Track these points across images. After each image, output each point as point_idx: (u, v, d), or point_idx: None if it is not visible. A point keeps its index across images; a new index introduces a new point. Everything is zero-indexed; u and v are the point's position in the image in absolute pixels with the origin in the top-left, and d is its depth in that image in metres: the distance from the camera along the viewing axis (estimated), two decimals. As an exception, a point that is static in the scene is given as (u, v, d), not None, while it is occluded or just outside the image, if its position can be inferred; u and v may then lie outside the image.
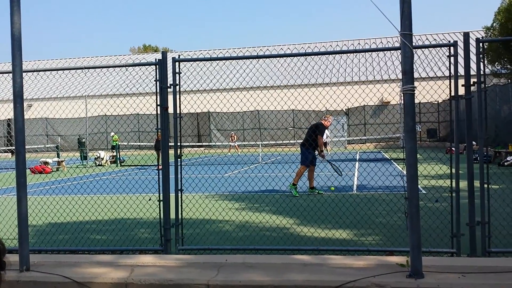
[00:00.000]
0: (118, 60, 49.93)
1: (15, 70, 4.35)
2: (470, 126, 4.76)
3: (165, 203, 5.17)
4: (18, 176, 4.34)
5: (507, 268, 3.95)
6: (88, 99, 31.65)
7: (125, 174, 17.27)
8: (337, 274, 3.98)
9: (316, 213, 7.48)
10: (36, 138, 35.36)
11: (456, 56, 4.75)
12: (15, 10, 4.28)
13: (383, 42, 43.52)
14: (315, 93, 27.99)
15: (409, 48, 3.83)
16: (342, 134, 33.48)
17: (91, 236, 6.53)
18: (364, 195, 9.38)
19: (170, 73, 5.32)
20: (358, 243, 5.69)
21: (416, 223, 3.82)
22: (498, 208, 6.85)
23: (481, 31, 23.86)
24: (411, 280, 3.74)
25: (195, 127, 37.39)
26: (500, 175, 11.25)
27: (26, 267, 4.30)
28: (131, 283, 4.03)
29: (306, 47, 44.19)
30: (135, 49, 77.88)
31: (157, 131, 5.36)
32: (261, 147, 26.54)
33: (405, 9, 3.81)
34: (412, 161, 3.85)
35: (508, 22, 19.42)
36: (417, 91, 4.00)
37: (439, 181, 11.46)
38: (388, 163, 18.57)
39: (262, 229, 6.65)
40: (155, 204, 5.43)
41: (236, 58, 5.52)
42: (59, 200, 9.16)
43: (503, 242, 5.25)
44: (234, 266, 4.29)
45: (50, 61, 52.69)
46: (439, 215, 6.36)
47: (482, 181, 4.71)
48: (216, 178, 13.83)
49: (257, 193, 9.90)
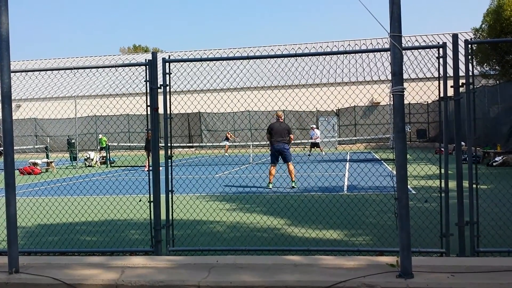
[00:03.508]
0: (108, 61, 49.64)
1: (3, 70, 4.31)
2: (459, 126, 4.81)
3: (155, 204, 5.15)
4: (6, 177, 4.30)
5: (496, 267, 3.99)
6: (78, 100, 31.47)
7: (115, 175, 17.18)
8: (328, 274, 4.00)
9: (307, 214, 7.49)
10: (25, 138, 35.06)
11: (445, 58, 4.79)
12: (2, 10, 4.24)
13: (373, 44, 43.75)
14: (305, 93, 28.11)
15: (398, 50, 3.85)
16: (332, 135, 33.55)
17: (81, 238, 6.48)
18: (354, 196, 9.42)
19: (160, 73, 5.31)
20: (348, 244, 5.72)
21: (405, 223, 3.84)
22: (487, 208, 6.92)
23: (470, 32, 24.05)
24: (401, 280, 3.76)
25: (185, 127, 37.29)
26: (489, 175, 11.37)
27: (15, 269, 4.26)
28: (121, 284, 4.01)
29: (297, 48, 44.32)
30: (125, 49, 77.50)
31: (147, 131, 5.35)
32: (252, 147, 26.54)
33: (394, 11, 3.83)
34: (402, 161, 3.87)
35: (496, 24, 19.59)
36: (406, 92, 4.03)
37: (429, 182, 11.55)
38: (378, 163, 18.67)
39: (253, 229, 6.65)
40: (146, 205, 5.41)
41: (226, 58, 5.53)
42: (48, 201, 9.09)
43: (492, 242, 5.30)
44: (225, 267, 4.29)
45: (39, 61, 52.24)
46: (428, 215, 6.41)
47: (471, 181, 4.75)
48: (207, 179, 13.81)
49: (248, 194, 9.90)
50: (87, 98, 40.96)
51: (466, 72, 4.79)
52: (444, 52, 4.81)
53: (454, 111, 4.79)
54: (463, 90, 4.82)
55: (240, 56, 5.38)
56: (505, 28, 19.31)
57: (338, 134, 34.40)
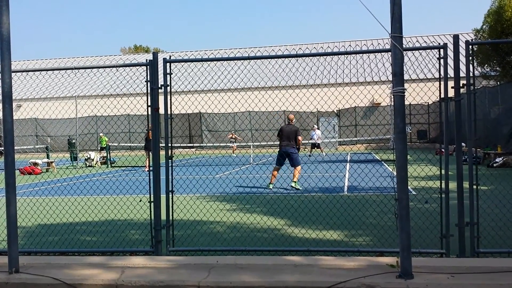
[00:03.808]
0: (109, 61, 49.66)
1: (4, 70, 4.31)
2: (460, 127, 4.81)
3: (156, 204, 5.15)
4: (7, 177, 4.31)
5: (496, 268, 3.99)
6: (78, 100, 31.47)
7: (116, 175, 17.18)
8: (328, 275, 4.00)
9: (307, 214, 7.50)
10: (25, 138, 35.05)
11: (446, 58, 4.79)
12: (3, 10, 4.25)
13: (374, 44, 43.74)
14: (306, 94, 28.10)
15: (399, 50, 3.85)
16: (333, 135, 33.54)
17: (81, 238, 6.49)
18: (354, 196, 9.42)
19: (161, 73, 5.31)
20: (349, 244, 5.72)
21: (406, 224, 3.84)
22: (487, 209, 6.91)
23: (471, 33, 24.04)
24: (401, 280, 3.76)
25: (186, 128, 37.29)
26: (489, 176, 11.37)
27: (15, 269, 4.27)
28: (121, 284, 4.01)
29: (298, 48, 44.30)
30: (125, 49, 77.49)
31: (147, 130, 5.35)
32: (253, 148, 26.54)
33: (395, 12, 3.83)
34: (402, 162, 3.87)
35: (497, 25, 19.59)
36: (407, 92, 4.03)
37: (429, 182, 11.54)
38: (378, 164, 18.66)
39: (253, 230, 6.65)
40: (146, 205, 5.41)
41: (227, 59, 5.53)
42: (48, 201, 9.09)
43: (492, 243, 5.30)
44: (225, 267, 4.29)
45: (39, 61, 52.27)
46: (428, 216, 6.41)
47: (471, 182, 4.75)
48: (207, 179, 13.81)
49: (248, 194, 9.90)
50: (87, 98, 40.98)
51: (467, 73, 4.79)
52: (445, 53, 4.81)
53: (455, 112, 4.79)
54: (463, 91, 4.82)
55: (241, 57, 5.38)
56: (506, 29, 19.31)
57: (339, 134, 34.39)
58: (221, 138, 36.07)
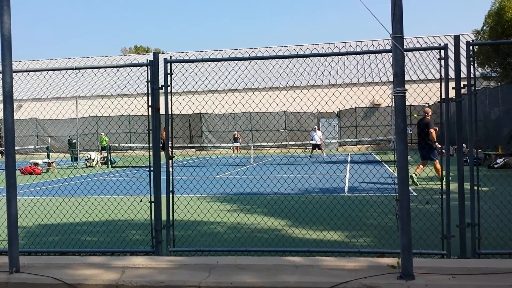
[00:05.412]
0: (110, 61, 49.69)
1: (5, 70, 4.32)
2: (460, 128, 4.80)
3: (156, 204, 5.15)
4: (7, 177, 4.31)
5: (497, 269, 3.99)
6: (79, 100, 31.50)
7: (116, 176, 17.18)
8: (328, 275, 4.00)
9: (308, 215, 7.49)
10: (26, 139, 35.08)
11: (446, 59, 4.79)
12: (4, 10, 4.25)
13: (375, 45, 43.76)
14: (307, 95, 28.09)
15: (400, 51, 3.85)
16: (333, 136, 33.53)
17: (81, 238, 6.49)
18: (355, 197, 9.42)
19: (161, 74, 5.31)
20: (349, 245, 5.71)
21: (406, 224, 3.84)
22: (488, 210, 6.91)
23: (472, 34, 24.02)
24: (401, 281, 3.76)
25: (186, 128, 37.30)
26: (490, 177, 11.36)
27: (15, 268, 4.27)
28: (122, 284, 4.01)
29: (298, 49, 44.25)
30: (126, 49, 77.55)
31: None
32: (253, 148, 26.54)
33: (396, 12, 3.83)
34: (403, 163, 3.87)
35: (497, 26, 19.58)
36: (408, 93, 4.03)
37: (430, 183, 11.54)
38: (379, 165, 18.65)
39: (254, 230, 6.65)
40: (146, 205, 5.41)
41: (228, 59, 5.52)
42: (49, 202, 9.09)
43: (493, 244, 5.30)
44: (226, 268, 4.29)
45: (40, 61, 52.32)
46: (429, 216, 6.41)
47: (472, 183, 4.75)
48: (208, 180, 13.82)
49: (249, 195, 9.90)
50: (88, 99, 41.01)
51: (468, 74, 4.78)
52: (446, 54, 4.81)
53: (456, 113, 4.79)
54: (464, 92, 4.81)
55: (241, 57, 5.37)
56: (507, 30, 19.30)
57: (339, 135, 34.38)
58: (221, 138, 36.09)
